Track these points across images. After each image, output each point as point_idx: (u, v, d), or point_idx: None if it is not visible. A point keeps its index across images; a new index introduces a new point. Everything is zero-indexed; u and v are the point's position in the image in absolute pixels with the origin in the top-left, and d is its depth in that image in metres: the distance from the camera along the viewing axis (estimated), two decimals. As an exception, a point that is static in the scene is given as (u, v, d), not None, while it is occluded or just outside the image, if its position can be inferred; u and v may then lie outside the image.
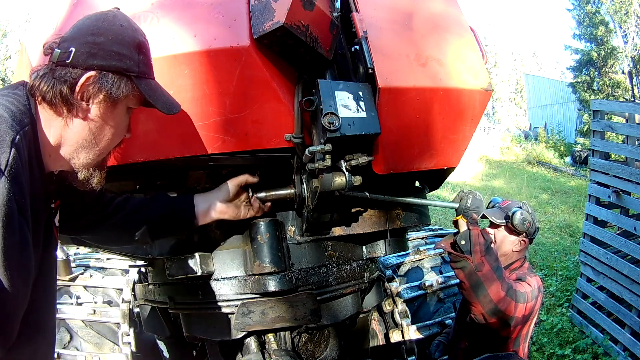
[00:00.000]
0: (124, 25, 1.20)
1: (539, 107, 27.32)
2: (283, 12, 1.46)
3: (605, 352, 4.27)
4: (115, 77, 1.16)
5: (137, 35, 1.22)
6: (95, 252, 3.71)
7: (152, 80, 1.27)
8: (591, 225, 4.78)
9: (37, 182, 1.11)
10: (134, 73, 1.19)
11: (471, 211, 1.88)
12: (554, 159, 17.27)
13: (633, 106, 4.82)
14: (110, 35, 1.16)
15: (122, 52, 1.17)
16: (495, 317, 1.99)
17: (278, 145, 1.61)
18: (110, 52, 1.15)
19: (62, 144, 1.17)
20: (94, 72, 1.14)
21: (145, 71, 1.24)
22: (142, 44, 1.23)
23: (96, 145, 1.21)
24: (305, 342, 2.21)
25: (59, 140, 1.17)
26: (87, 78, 1.13)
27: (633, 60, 19.88)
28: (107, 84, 1.15)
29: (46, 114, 1.15)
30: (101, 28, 1.16)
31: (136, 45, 1.20)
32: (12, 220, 0.95)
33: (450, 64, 1.70)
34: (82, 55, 1.13)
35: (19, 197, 0.98)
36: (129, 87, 1.19)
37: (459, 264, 1.92)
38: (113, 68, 1.16)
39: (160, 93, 1.28)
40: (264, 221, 1.87)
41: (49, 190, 1.21)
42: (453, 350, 2.43)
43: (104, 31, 1.15)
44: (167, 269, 1.87)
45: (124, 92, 1.18)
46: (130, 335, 3.04)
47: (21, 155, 1.01)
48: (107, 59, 1.15)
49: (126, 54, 1.17)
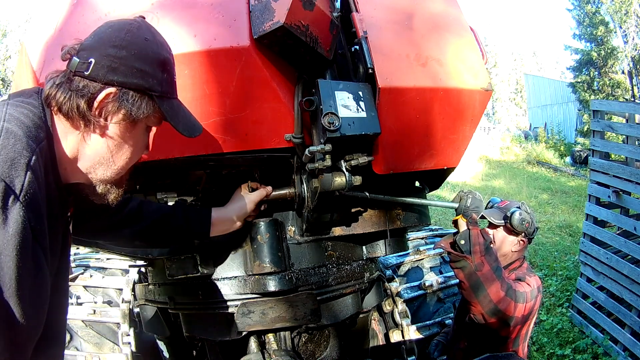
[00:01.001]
0: (148, 39, 1.12)
1: (539, 107, 27.32)
2: (283, 12, 1.46)
3: (605, 352, 4.27)
4: (137, 95, 1.09)
5: (161, 51, 1.14)
6: (95, 252, 3.71)
7: (175, 100, 1.20)
8: (591, 225, 4.78)
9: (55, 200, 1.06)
10: (156, 93, 1.12)
11: (471, 211, 1.88)
12: (554, 159, 17.26)
13: (633, 106, 4.82)
14: (134, 49, 1.08)
15: (145, 70, 1.09)
16: (495, 317, 1.99)
17: (278, 145, 1.62)
18: (132, 68, 1.08)
19: (79, 158, 1.12)
20: (114, 89, 1.07)
21: (168, 90, 1.16)
22: (167, 60, 1.15)
23: (114, 164, 1.16)
24: (305, 342, 2.21)
25: (76, 154, 1.11)
26: (106, 95, 1.07)
27: (633, 60, 19.87)
28: (128, 103, 1.08)
29: (62, 126, 1.09)
30: (124, 40, 1.08)
31: (160, 62, 1.13)
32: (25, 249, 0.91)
33: (450, 64, 1.70)
34: (102, 69, 1.06)
35: (35, 223, 0.94)
36: (150, 107, 1.12)
37: (458, 264, 1.92)
38: (134, 86, 1.09)
39: (183, 114, 1.21)
40: (264, 221, 1.87)
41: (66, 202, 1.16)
42: (452, 350, 2.43)
43: (127, 44, 1.08)
44: (167, 269, 1.87)
45: (145, 113, 1.11)
46: (130, 335, 3.04)
47: (38, 177, 0.96)
48: (128, 76, 1.07)
49: (149, 72, 1.10)
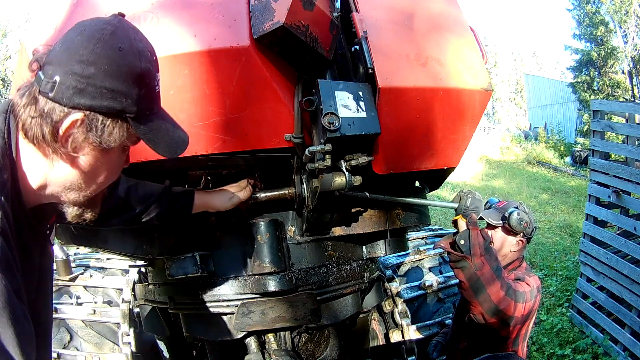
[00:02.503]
0: (123, 47, 0.94)
1: (539, 107, 27.31)
2: (283, 12, 1.46)
3: (605, 352, 4.27)
4: (107, 120, 0.95)
5: (138, 63, 0.96)
6: (95, 252, 3.71)
7: (155, 117, 1.04)
8: (591, 225, 4.78)
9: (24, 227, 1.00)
10: (130, 114, 0.97)
11: (470, 211, 1.88)
12: (554, 159, 17.26)
13: (633, 106, 4.81)
14: (104, 65, 0.92)
15: (117, 89, 0.93)
16: (495, 317, 1.99)
17: (278, 145, 1.62)
18: (101, 89, 0.92)
19: (47, 184, 1.01)
20: (81, 116, 0.93)
21: (147, 107, 1.01)
22: (144, 73, 0.97)
23: (87, 189, 1.05)
24: (305, 342, 2.21)
25: (45, 182, 1.01)
26: (71, 123, 0.93)
27: (633, 60, 19.87)
28: (97, 130, 0.94)
29: (29, 150, 0.98)
30: (93, 53, 0.91)
31: (136, 76, 0.96)
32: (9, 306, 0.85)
33: (450, 64, 1.70)
34: (68, 91, 0.91)
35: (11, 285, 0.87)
36: (123, 131, 0.98)
37: (458, 264, 1.92)
38: (105, 109, 0.94)
39: (165, 132, 1.06)
40: (264, 221, 1.87)
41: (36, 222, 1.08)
42: (451, 350, 2.43)
43: (96, 58, 0.91)
44: (167, 269, 1.87)
45: (117, 140, 0.97)
46: (130, 335, 3.04)
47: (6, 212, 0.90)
48: (97, 98, 0.92)
49: (122, 91, 0.94)
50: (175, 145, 1.09)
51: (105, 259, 3.67)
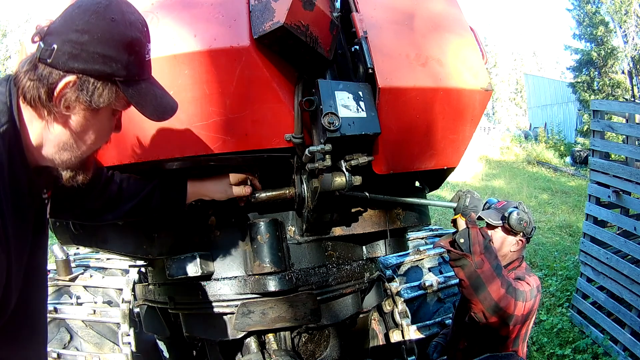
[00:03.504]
0: (115, 18, 1.05)
1: (539, 107, 27.33)
2: (283, 12, 1.46)
3: (605, 352, 4.27)
4: (98, 82, 1.06)
5: (129, 32, 1.08)
6: (95, 252, 3.71)
7: (144, 82, 1.15)
8: (591, 225, 4.78)
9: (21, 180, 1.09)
10: (119, 77, 1.08)
11: (469, 210, 1.88)
12: (554, 159, 17.27)
13: (633, 106, 4.81)
14: (97, 33, 1.03)
15: (108, 54, 1.04)
16: (495, 315, 1.99)
17: (278, 146, 1.61)
18: (93, 54, 1.03)
19: (43, 144, 1.12)
20: (74, 77, 1.04)
21: (136, 73, 1.11)
22: (134, 41, 1.09)
23: (78, 149, 1.15)
24: (305, 342, 2.21)
25: (41, 141, 1.11)
26: (65, 84, 1.04)
27: (633, 60, 19.87)
28: (88, 91, 1.06)
29: (28, 113, 1.09)
30: (88, 23, 1.03)
31: (126, 44, 1.07)
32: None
33: (450, 64, 1.70)
34: (63, 56, 1.03)
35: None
36: (112, 93, 1.09)
37: (458, 262, 1.92)
38: (95, 72, 1.05)
39: (152, 96, 1.16)
40: (264, 221, 1.87)
41: (37, 184, 1.17)
42: (451, 350, 2.43)
43: (91, 27, 1.03)
44: (167, 269, 1.87)
45: (106, 100, 1.08)
46: (130, 335, 3.04)
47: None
48: (89, 62, 1.03)
49: (112, 56, 1.05)
50: (162, 110, 1.18)
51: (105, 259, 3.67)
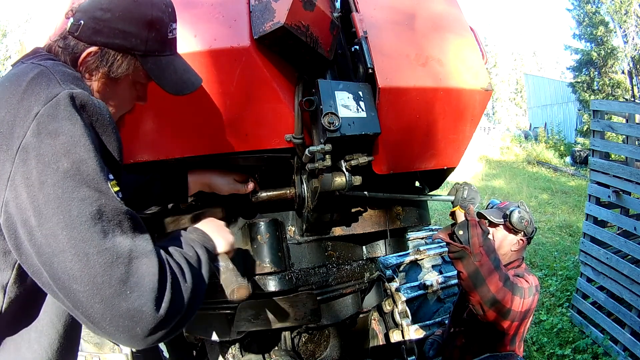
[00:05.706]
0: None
1: (539, 107, 27.31)
2: (283, 13, 1.46)
3: (605, 352, 4.27)
4: (117, 55, 1.16)
5: (149, 11, 1.18)
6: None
7: (164, 58, 1.24)
8: (591, 225, 4.78)
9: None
10: (139, 52, 1.18)
11: (467, 202, 1.89)
12: (554, 159, 17.27)
13: (633, 106, 4.81)
14: (119, 11, 1.14)
15: (128, 30, 1.15)
16: (493, 308, 1.99)
17: (278, 146, 1.61)
18: (114, 30, 1.14)
19: None
20: (95, 48, 1.15)
21: (156, 49, 1.21)
22: (155, 19, 1.19)
23: None
24: (305, 342, 2.21)
25: None
26: (87, 53, 1.15)
27: (633, 60, 19.85)
28: (107, 62, 1.16)
29: None
30: (111, 3, 1.14)
31: (147, 22, 1.17)
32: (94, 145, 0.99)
33: (450, 64, 1.70)
34: (88, 31, 1.14)
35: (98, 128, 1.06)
36: (130, 66, 1.19)
37: (457, 254, 1.93)
38: (115, 46, 1.16)
39: (172, 71, 1.25)
40: (264, 221, 1.87)
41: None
42: (448, 348, 2.43)
43: (114, 6, 1.14)
44: (167, 269, 1.87)
45: (124, 71, 1.18)
46: (130, 335, 3.03)
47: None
48: (110, 37, 1.15)
49: (132, 32, 1.16)
50: (182, 84, 1.26)
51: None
